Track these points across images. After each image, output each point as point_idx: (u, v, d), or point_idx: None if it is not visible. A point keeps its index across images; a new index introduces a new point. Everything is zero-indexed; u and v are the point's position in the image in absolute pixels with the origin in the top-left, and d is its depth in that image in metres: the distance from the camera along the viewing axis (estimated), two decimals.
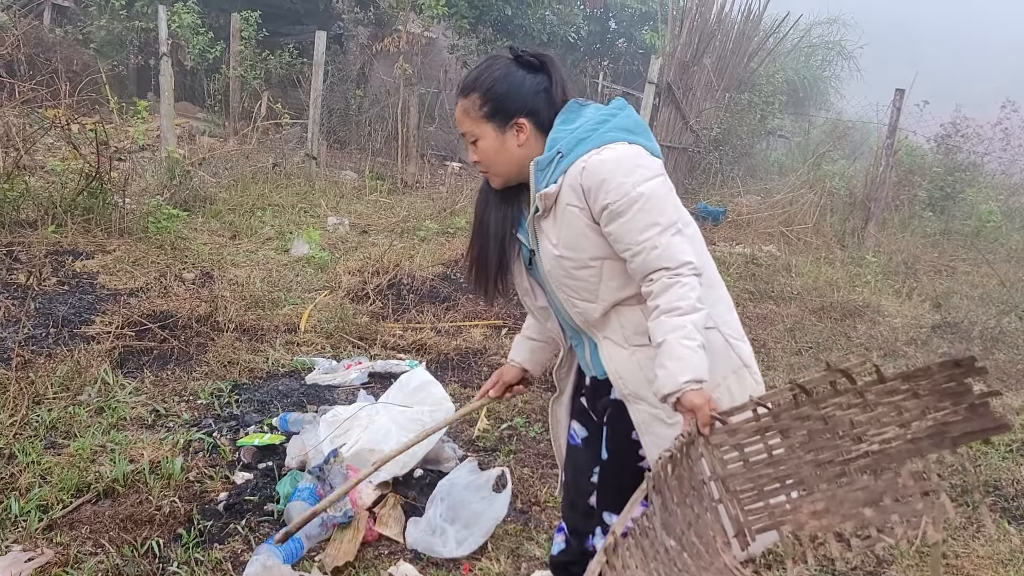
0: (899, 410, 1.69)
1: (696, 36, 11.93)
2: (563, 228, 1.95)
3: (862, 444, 1.73)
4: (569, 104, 2.02)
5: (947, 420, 1.63)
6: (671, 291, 1.84)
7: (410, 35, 11.46)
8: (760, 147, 14.32)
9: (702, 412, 1.80)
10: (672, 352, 1.81)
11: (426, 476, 3.37)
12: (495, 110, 1.99)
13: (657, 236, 1.86)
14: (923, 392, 1.65)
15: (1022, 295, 7.40)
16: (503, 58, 2.03)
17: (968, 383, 1.60)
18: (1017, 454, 4.17)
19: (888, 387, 1.69)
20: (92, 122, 6.69)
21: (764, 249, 8.57)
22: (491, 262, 2.10)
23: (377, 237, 7.70)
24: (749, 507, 1.83)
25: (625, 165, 1.88)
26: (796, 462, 1.80)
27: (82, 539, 2.80)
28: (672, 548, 1.66)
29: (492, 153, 2.02)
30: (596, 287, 1.98)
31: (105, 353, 4.26)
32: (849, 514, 1.72)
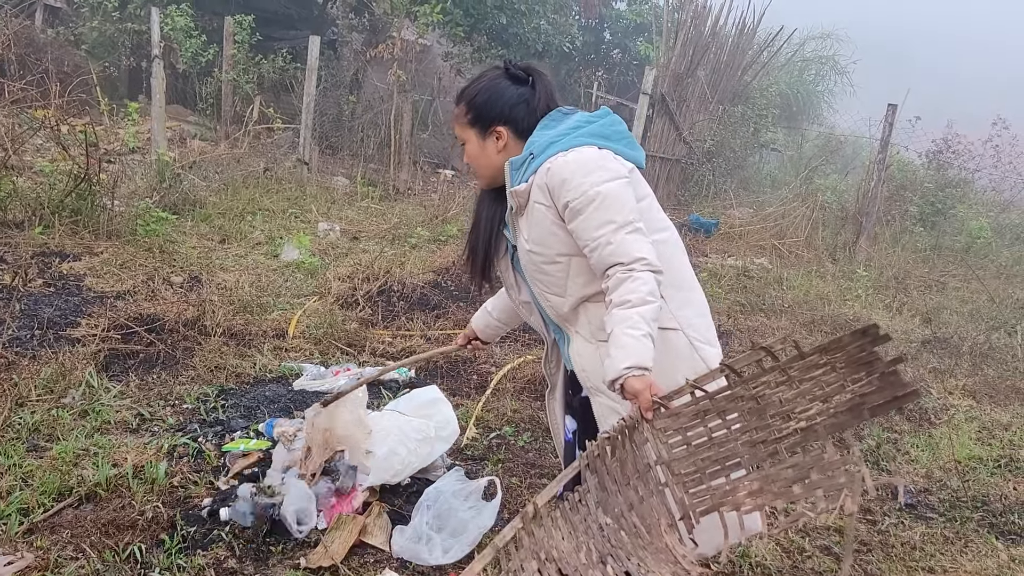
0: (821, 385, 1.75)
1: (690, 48, 11.97)
2: (533, 225, 2.11)
3: (791, 422, 1.79)
4: (552, 113, 2.17)
5: (863, 392, 1.69)
6: (623, 285, 1.95)
7: (404, 42, 11.46)
8: (753, 160, 14.37)
9: (643, 396, 1.89)
10: (617, 341, 1.91)
11: (413, 484, 3.33)
12: (476, 118, 2.19)
13: (612, 233, 1.97)
14: (839, 365, 1.72)
15: (1011, 311, 7.43)
16: (493, 70, 2.22)
17: (876, 352, 1.67)
18: (1005, 469, 4.17)
19: (808, 362, 1.75)
20: (82, 123, 6.66)
21: (756, 262, 8.57)
22: (479, 254, 2.30)
23: (368, 243, 7.67)
24: (693, 490, 1.89)
25: (586, 166, 2.01)
26: (734, 444, 1.87)
27: (63, 543, 2.75)
28: (607, 525, 1.73)
29: (475, 156, 2.23)
30: (564, 282, 2.13)
31: (90, 356, 4.21)
32: (780, 492, 1.77)
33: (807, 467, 1.76)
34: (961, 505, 3.74)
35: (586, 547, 1.65)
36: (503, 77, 2.18)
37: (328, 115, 11.98)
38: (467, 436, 3.91)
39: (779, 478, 1.79)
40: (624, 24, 16.84)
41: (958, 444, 4.34)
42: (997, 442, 4.52)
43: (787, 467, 1.79)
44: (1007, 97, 21.17)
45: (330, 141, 12.10)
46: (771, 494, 1.78)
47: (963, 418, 4.80)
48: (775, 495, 1.78)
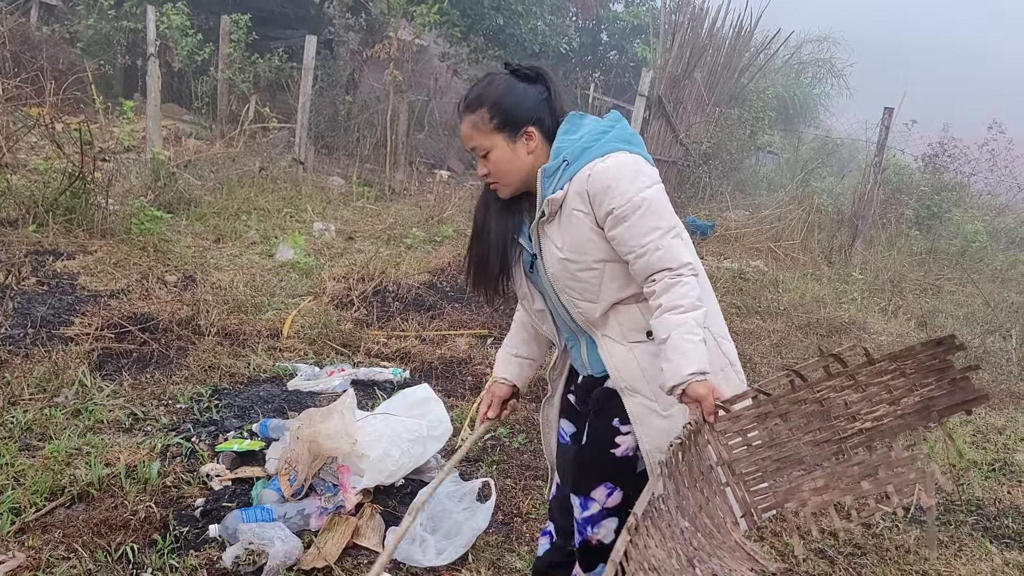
0: (888, 389, 1.80)
1: (687, 50, 11.98)
2: (568, 232, 2.05)
3: (856, 423, 1.84)
4: (570, 116, 2.12)
5: (932, 395, 1.75)
6: (673, 290, 1.96)
7: (401, 42, 11.45)
8: (749, 162, 14.38)
9: (707, 401, 1.90)
10: (677, 347, 1.92)
11: (407, 485, 3.33)
12: (505, 121, 2.08)
13: (659, 239, 1.97)
14: (909, 371, 1.77)
15: (1006, 315, 7.44)
16: (501, 74, 2.14)
17: (949, 360, 1.73)
18: (999, 474, 4.17)
19: (877, 368, 1.81)
20: (77, 121, 6.63)
21: (752, 264, 8.58)
22: (492, 267, 2.20)
23: (363, 244, 7.66)
24: (754, 488, 1.93)
25: (628, 172, 1.99)
26: (796, 443, 1.91)
27: (55, 543, 2.74)
28: (687, 529, 1.77)
29: (505, 163, 2.11)
30: (598, 288, 2.08)
31: (84, 355, 4.20)
32: (848, 488, 1.82)
33: (874, 464, 1.80)
34: (955, 508, 3.75)
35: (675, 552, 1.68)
36: (514, 78, 2.12)
37: (324, 115, 11.96)
38: (461, 438, 3.90)
39: (845, 475, 1.83)
40: (621, 26, 16.84)
41: (953, 448, 4.34)
42: (991, 446, 4.53)
43: (853, 464, 1.83)
44: (1003, 102, 21.23)
45: (326, 141, 12.08)
46: (838, 490, 1.83)
47: (958, 421, 4.80)
48: (843, 491, 1.82)
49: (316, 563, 2.76)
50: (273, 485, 3.13)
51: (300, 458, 3.09)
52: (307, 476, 3.09)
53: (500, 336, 5.44)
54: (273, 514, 2.93)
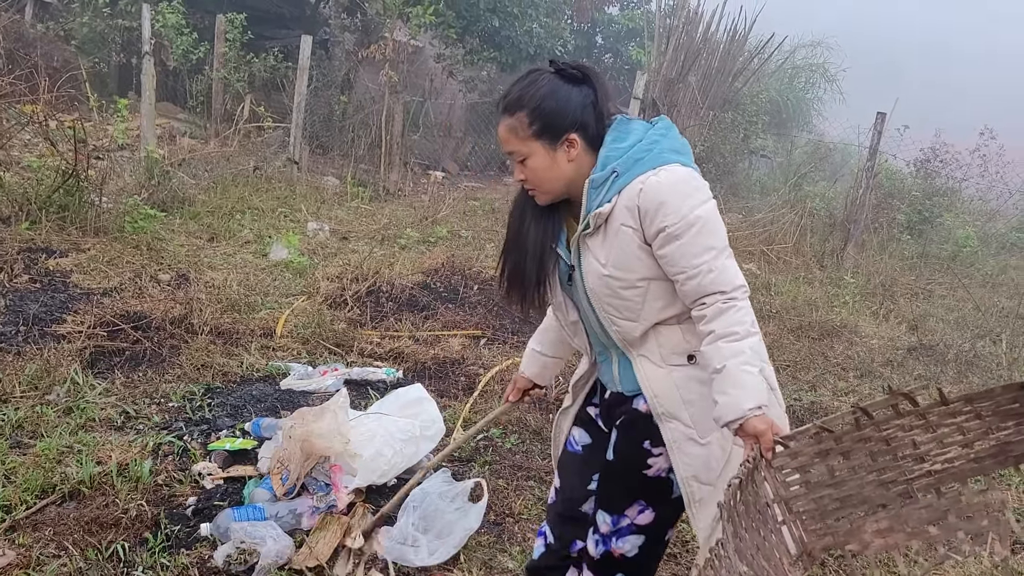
0: (962, 431, 1.69)
1: (682, 54, 12.01)
2: (613, 248, 1.94)
3: (924, 463, 1.73)
4: (617, 121, 1.99)
5: (1010, 439, 1.64)
6: (726, 315, 1.85)
7: (397, 43, 11.44)
8: (742, 166, 14.42)
9: (767, 437, 1.80)
10: (734, 379, 1.81)
11: (399, 485, 3.32)
12: (545, 127, 1.95)
13: (713, 260, 1.87)
14: (986, 413, 1.66)
15: (997, 320, 7.48)
16: (546, 72, 1.98)
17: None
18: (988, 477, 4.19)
19: (950, 409, 1.69)
20: (71, 119, 6.62)
21: (744, 267, 8.56)
22: (529, 275, 2.07)
23: (357, 244, 7.65)
24: (812, 527, 1.84)
25: (682, 188, 1.89)
26: (858, 482, 1.81)
27: (45, 541, 2.74)
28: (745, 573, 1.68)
29: (543, 171, 1.98)
30: (640, 307, 1.98)
31: (76, 353, 4.19)
32: (914, 532, 1.72)
33: (943, 509, 1.70)
34: None
35: None
36: (559, 79, 1.96)
37: (319, 115, 11.95)
38: (453, 437, 3.91)
39: (912, 518, 1.74)
40: (616, 29, 16.87)
41: None
42: None
43: (920, 507, 1.73)
44: (995, 108, 21.34)
45: (320, 141, 12.07)
46: (904, 534, 1.74)
47: None
48: (908, 535, 1.73)
49: (308, 562, 2.76)
50: (265, 484, 3.13)
51: (292, 457, 3.09)
52: (299, 475, 3.09)
53: (493, 337, 5.45)
54: (265, 513, 2.93)
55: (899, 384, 5.45)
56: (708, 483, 1.99)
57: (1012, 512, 1.65)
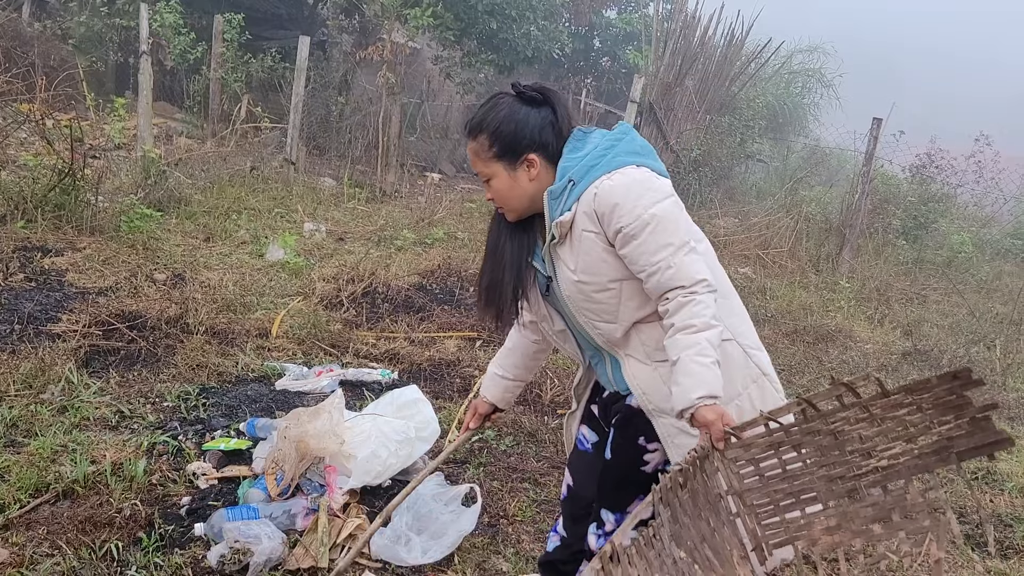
0: (905, 425, 1.72)
1: (679, 58, 12.03)
2: (580, 254, 2.00)
3: (871, 459, 1.76)
4: (574, 133, 2.06)
5: (951, 435, 1.64)
6: (685, 309, 1.90)
7: (394, 44, 11.44)
8: (739, 170, 14.44)
9: (715, 427, 1.85)
10: (685, 369, 1.87)
11: (394, 487, 3.33)
12: (504, 149, 2.03)
13: (671, 256, 1.91)
14: (926, 406, 1.68)
15: (991, 325, 7.49)
16: (506, 96, 2.06)
17: (967, 396, 1.63)
18: (982, 482, 4.21)
19: (892, 401, 1.72)
20: (68, 118, 6.61)
21: (740, 271, 8.61)
22: (506, 290, 2.14)
23: (353, 245, 7.65)
24: (766, 521, 1.85)
25: (636, 189, 1.93)
26: (809, 477, 1.83)
27: (39, 540, 2.73)
28: (682, 560, 1.70)
29: (506, 190, 2.06)
30: (616, 308, 2.04)
31: (71, 352, 4.19)
32: (859, 530, 1.73)
33: (888, 507, 1.72)
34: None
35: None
36: (519, 102, 2.05)
37: (316, 115, 11.96)
38: (449, 439, 3.91)
39: (858, 516, 1.75)
40: (614, 32, 16.90)
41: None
42: None
43: (867, 505, 1.74)
44: (991, 115, 21.41)
45: (317, 142, 12.07)
46: (850, 532, 1.74)
47: None
48: (854, 533, 1.74)
49: (302, 563, 2.76)
50: (259, 484, 3.13)
51: (287, 458, 3.09)
52: (294, 476, 3.09)
53: (489, 339, 5.45)
54: (259, 513, 2.93)
55: (893, 388, 5.46)
56: None
57: (952, 512, 1.64)
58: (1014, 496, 4.06)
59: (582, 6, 16.62)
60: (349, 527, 2.93)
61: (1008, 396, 5.58)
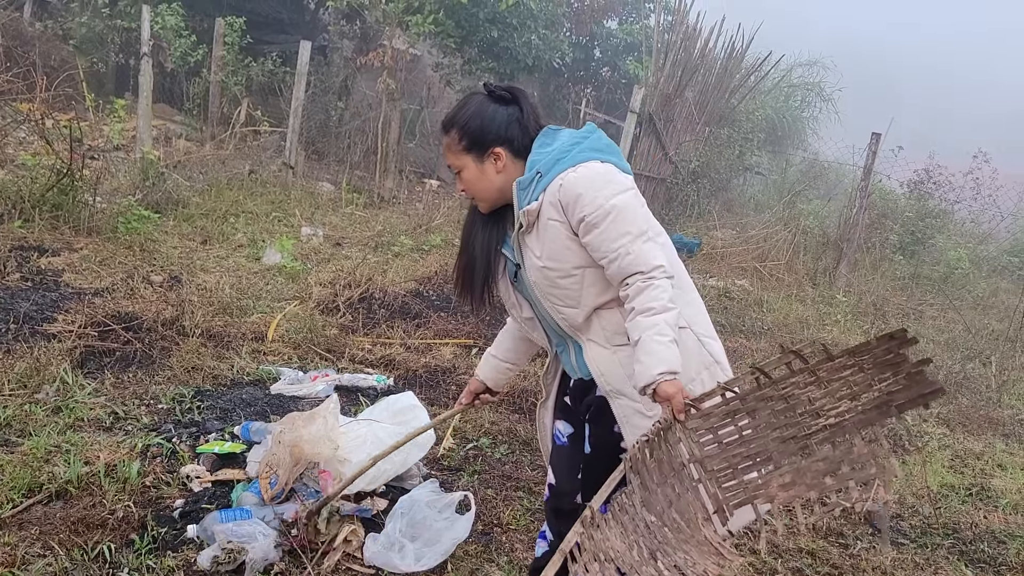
0: (849, 385, 1.87)
1: (679, 69, 12.07)
2: (546, 242, 2.13)
3: (820, 419, 1.90)
4: (545, 130, 2.22)
5: (891, 390, 1.82)
6: (645, 293, 2.02)
7: (395, 51, 11.46)
8: (737, 182, 14.48)
9: (676, 400, 1.97)
10: (646, 348, 1.99)
11: (388, 492, 3.32)
12: (472, 143, 2.20)
13: (630, 243, 2.04)
14: (867, 366, 1.84)
15: (987, 342, 7.51)
16: (478, 94, 2.25)
17: (903, 354, 1.79)
18: (976, 498, 4.21)
19: (837, 364, 1.87)
20: (67, 118, 6.60)
21: (737, 283, 8.63)
22: (478, 276, 2.30)
23: (351, 250, 7.65)
24: (726, 484, 1.98)
25: (598, 181, 2.07)
26: (764, 440, 1.96)
27: (31, 540, 2.72)
28: (653, 523, 1.83)
29: (475, 181, 2.23)
30: (579, 294, 2.16)
31: (66, 352, 4.17)
32: (813, 484, 1.87)
33: (838, 460, 1.86)
34: (932, 532, 3.77)
35: (637, 545, 1.75)
36: (489, 100, 2.22)
37: (315, 120, 11.96)
38: (444, 447, 3.90)
39: (810, 471, 1.88)
40: (615, 43, 16.92)
41: (931, 471, 4.38)
42: (969, 471, 4.57)
43: (818, 460, 1.88)
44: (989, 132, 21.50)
45: (316, 146, 12.07)
46: (804, 486, 1.88)
47: (936, 446, 4.85)
48: (808, 487, 1.87)
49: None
50: (253, 488, 3.12)
51: (281, 462, 3.08)
52: (288, 480, 3.08)
53: (485, 346, 5.42)
54: (252, 516, 2.92)
55: None
56: None
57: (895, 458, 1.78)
58: (1007, 513, 4.06)
59: (583, 16, 16.65)
60: (344, 531, 2.92)
61: (1003, 413, 5.58)
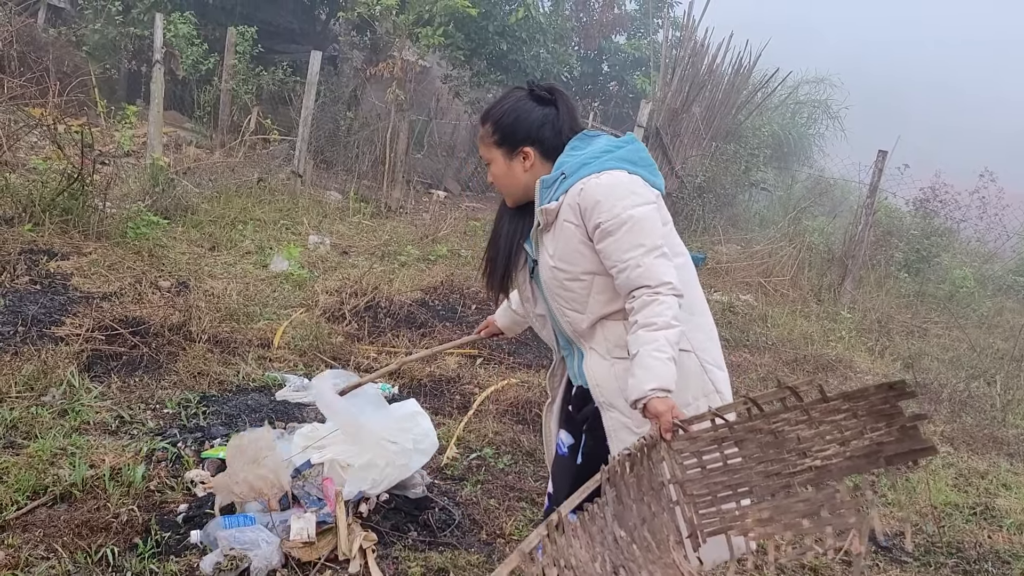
0: (840, 428, 1.84)
1: (687, 85, 12.10)
2: (560, 242, 2.15)
3: (807, 459, 1.88)
4: (582, 134, 2.22)
5: (881, 440, 1.78)
6: (649, 307, 2.01)
7: (405, 62, 11.53)
8: (743, 197, 14.49)
9: (665, 418, 1.95)
10: (642, 362, 1.98)
11: (391, 500, 3.32)
12: (504, 138, 2.22)
13: (641, 256, 2.03)
14: (861, 412, 1.81)
15: (991, 361, 7.49)
16: (518, 90, 2.26)
17: (900, 406, 1.76)
18: (980, 517, 4.19)
19: (831, 406, 1.84)
20: (79, 123, 6.65)
21: (742, 298, 8.63)
22: (499, 266, 2.34)
23: (357, 259, 7.67)
24: (703, 511, 1.96)
25: (619, 190, 2.07)
26: (748, 472, 1.95)
27: (35, 542, 2.73)
28: (622, 538, 1.81)
29: (502, 176, 2.26)
30: (586, 299, 2.17)
31: (73, 355, 4.20)
32: (790, 523, 1.85)
33: (818, 503, 1.83)
34: (936, 551, 3.76)
35: (601, 557, 1.72)
36: (528, 98, 2.22)
37: (325, 129, 12.01)
38: (447, 456, 3.91)
39: (789, 510, 1.86)
40: (622, 57, 17.00)
41: (935, 490, 4.37)
42: (973, 490, 4.55)
43: (799, 500, 1.86)
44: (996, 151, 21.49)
45: (325, 155, 12.12)
46: (780, 525, 1.86)
47: (941, 464, 4.83)
48: (784, 526, 1.85)
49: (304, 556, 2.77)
50: None
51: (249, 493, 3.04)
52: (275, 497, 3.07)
53: (490, 357, 5.46)
54: (256, 522, 2.92)
55: None
56: None
57: (877, 511, 1.74)
58: (1012, 532, 4.05)
59: (592, 30, 16.75)
60: (358, 539, 2.92)
61: (1008, 432, 5.57)
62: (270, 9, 13.90)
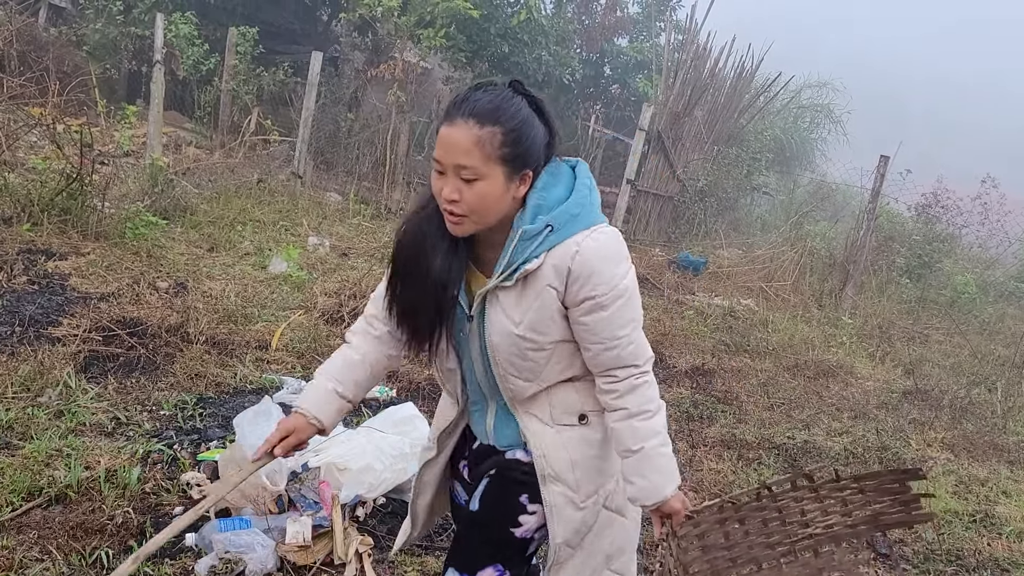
0: (845, 503, 1.91)
1: (689, 88, 12.10)
2: (531, 308, 1.78)
3: (808, 528, 1.92)
4: (552, 162, 1.82)
5: (883, 511, 1.87)
6: (639, 392, 1.82)
7: (406, 64, 11.52)
8: (744, 202, 14.48)
9: (679, 516, 1.84)
10: (654, 464, 1.82)
11: (388, 504, 3.30)
12: (516, 155, 1.72)
13: (633, 331, 1.82)
14: (869, 490, 1.88)
15: (993, 367, 7.47)
16: (518, 95, 1.76)
17: (909, 486, 1.84)
18: (980, 525, 4.17)
19: (840, 485, 1.90)
20: (78, 123, 6.64)
21: (742, 303, 8.60)
22: (423, 321, 1.86)
23: (357, 261, 7.65)
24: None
25: (614, 257, 1.78)
26: (749, 544, 1.95)
27: (29, 544, 2.71)
28: None
29: (491, 199, 1.72)
30: (541, 369, 1.85)
31: (70, 356, 4.18)
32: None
33: (818, 567, 1.89)
34: (935, 558, 3.74)
35: None
36: (526, 104, 1.76)
37: (325, 131, 12.00)
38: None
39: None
40: (624, 60, 16.99)
41: (935, 497, 4.34)
42: (974, 497, 4.53)
43: (799, 565, 1.90)
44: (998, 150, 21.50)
45: (325, 156, 12.11)
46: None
47: (941, 471, 4.81)
48: None
49: (298, 559, 2.75)
50: None
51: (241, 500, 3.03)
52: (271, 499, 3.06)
53: None
54: (251, 525, 2.90)
55: (893, 426, 5.45)
56: (573, 547, 1.93)
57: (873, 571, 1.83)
58: (1012, 540, 4.03)
59: (594, 33, 16.74)
60: (354, 543, 2.91)
61: (1009, 439, 5.55)
62: (271, 10, 13.91)
